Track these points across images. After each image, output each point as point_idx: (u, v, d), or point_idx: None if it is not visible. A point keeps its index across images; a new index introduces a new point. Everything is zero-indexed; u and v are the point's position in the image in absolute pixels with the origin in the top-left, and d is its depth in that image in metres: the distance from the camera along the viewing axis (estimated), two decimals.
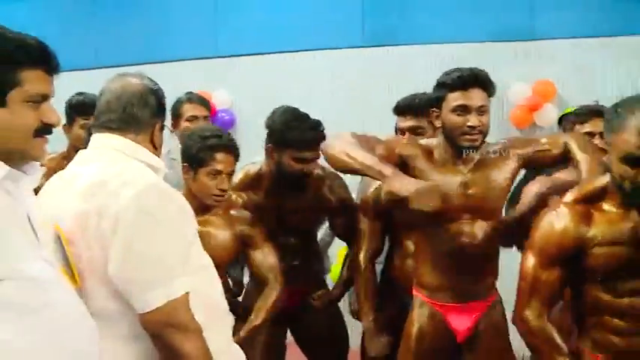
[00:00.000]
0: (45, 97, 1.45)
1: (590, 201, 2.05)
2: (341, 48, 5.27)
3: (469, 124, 2.43)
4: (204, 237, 1.93)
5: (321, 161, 2.75)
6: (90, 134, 1.86)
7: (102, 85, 1.88)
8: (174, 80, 3.92)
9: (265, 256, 2.66)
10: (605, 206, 2.02)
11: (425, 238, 2.59)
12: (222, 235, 2.54)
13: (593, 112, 2.98)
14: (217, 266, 1.94)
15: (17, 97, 1.40)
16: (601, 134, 2.73)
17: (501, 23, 4.92)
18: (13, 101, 1.40)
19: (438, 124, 2.53)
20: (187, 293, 1.65)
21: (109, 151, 1.77)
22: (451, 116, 2.47)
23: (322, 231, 3.50)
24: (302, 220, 2.93)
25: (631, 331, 2.02)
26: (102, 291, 1.66)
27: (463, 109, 2.45)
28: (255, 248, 2.65)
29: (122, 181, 1.66)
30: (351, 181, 2.97)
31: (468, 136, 2.46)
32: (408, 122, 2.94)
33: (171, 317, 1.61)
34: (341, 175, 2.86)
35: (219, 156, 2.47)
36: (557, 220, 2.05)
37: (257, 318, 2.58)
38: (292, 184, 2.83)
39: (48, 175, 1.92)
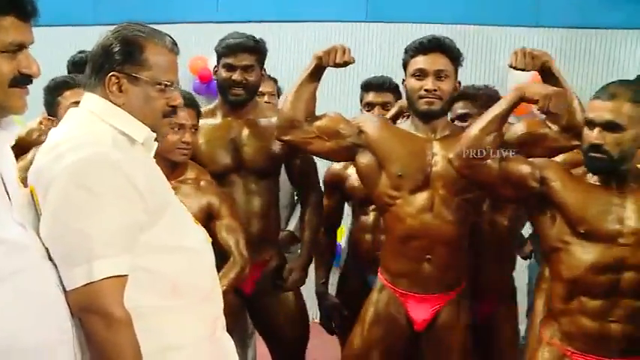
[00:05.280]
0: (21, 46, 1.36)
1: None
2: (344, 21, 5.21)
3: (425, 87, 2.43)
4: None
5: None
6: None
7: None
8: None
9: (231, 229, 2.57)
10: None
11: (389, 217, 2.53)
12: (190, 204, 2.46)
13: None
14: None
15: None
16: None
17: (506, 8, 4.87)
18: None
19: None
20: (119, 277, 1.48)
21: (83, 112, 1.63)
22: (410, 80, 2.48)
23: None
24: (259, 156, 2.80)
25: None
26: None
27: (421, 73, 2.45)
28: (221, 219, 2.57)
29: (69, 147, 1.51)
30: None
31: (424, 100, 2.44)
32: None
33: (90, 301, 1.46)
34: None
35: (180, 110, 2.39)
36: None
37: None
38: (233, 102, 2.78)
39: None
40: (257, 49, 2.80)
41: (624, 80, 2.19)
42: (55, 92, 2.53)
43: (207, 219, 2.55)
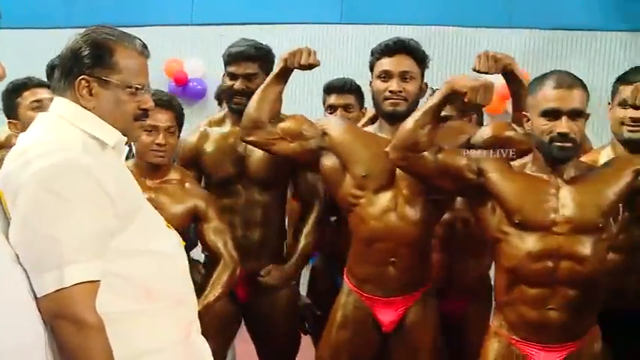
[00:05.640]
0: None
1: None
2: (319, 23, 5.22)
3: (390, 88, 2.44)
4: (156, 207, 1.83)
5: None
6: None
7: None
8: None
9: (219, 231, 2.58)
10: None
11: (353, 219, 2.52)
12: (174, 206, 2.48)
13: None
14: None
15: None
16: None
17: (481, 9, 4.92)
18: None
19: None
20: (91, 282, 1.47)
21: (52, 117, 1.61)
22: (376, 82, 2.49)
23: None
24: (263, 167, 2.77)
25: None
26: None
27: (386, 75, 2.46)
28: (208, 222, 2.57)
29: (38, 153, 1.49)
30: None
31: (389, 101, 2.45)
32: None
33: (61, 308, 1.44)
34: None
35: (155, 112, 2.34)
36: None
37: (211, 294, 2.47)
38: (236, 111, 2.75)
39: None
40: (260, 57, 2.75)
41: (560, 70, 2.20)
42: (13, 94, 2.52)
43: (193, 220, 2.56)
